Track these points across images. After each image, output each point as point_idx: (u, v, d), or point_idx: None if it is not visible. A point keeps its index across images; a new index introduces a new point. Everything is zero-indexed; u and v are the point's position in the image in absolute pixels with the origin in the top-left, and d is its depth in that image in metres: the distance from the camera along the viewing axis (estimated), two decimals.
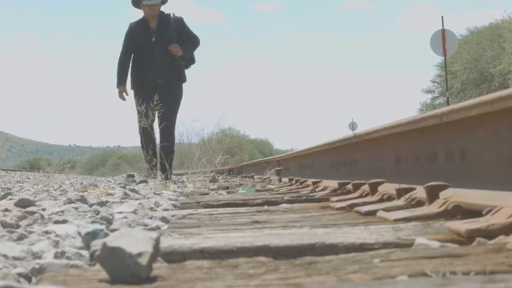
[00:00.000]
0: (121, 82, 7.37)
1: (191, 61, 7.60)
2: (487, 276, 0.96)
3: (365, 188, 2.81)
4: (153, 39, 7.25)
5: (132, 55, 7.37)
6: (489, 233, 1.36)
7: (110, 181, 8.11)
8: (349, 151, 3.87)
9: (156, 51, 7.19)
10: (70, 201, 2.67)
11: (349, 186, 3.16)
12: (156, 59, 7.17)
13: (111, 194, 3.60)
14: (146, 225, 1.98)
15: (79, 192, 3.71)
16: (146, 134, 6.90)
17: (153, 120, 7.01)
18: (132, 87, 7.40)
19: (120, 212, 2.26)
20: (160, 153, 6.96)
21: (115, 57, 7.45)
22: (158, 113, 6.90)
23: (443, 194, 1.96)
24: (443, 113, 2.11)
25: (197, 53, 7.56)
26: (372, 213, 2.12)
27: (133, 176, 7.14)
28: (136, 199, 3.17)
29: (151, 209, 2.62)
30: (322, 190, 3.76)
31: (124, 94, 7.35)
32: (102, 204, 2.71)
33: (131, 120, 7.99)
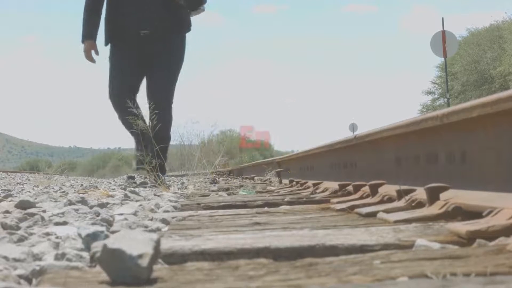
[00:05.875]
0: (88, 35, 5.10)
1: (198, 0, 5.10)
2: (487, 277, 0.95)
3: (366, 189, 2.81)
4: None
5: None
6: (490, 235, 1.36)
7: (110, 183, 8.11)
8: (350, 152, 3.87)
9: None
10: (70, 203, 2.67)
11: (350, 188, 3.16)
12: None
13: (111, 196, 3.60)
14: (146, 226, 1.98)
15: (79, 193, 3.71)
16: (130, 123, 4.79)
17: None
18: (107, 42, 5.13)
19: (121, 214, 2.25)
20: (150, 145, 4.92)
21: None
22: (148, 84, 4.91)
23: (443, 196, 1.95)
24: (443, 114, 2.11)
25: (196, 55, 5.67)
26: (373, 214, 2.12)
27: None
28: (137, 201, 3.17)
29: (152, 210, 2.62)
30: (323, 191, 3.76)
31: (93, 52, 5.08)
32: (102, 205, 2.71)
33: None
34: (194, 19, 5.27)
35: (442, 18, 14.06)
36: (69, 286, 1.00)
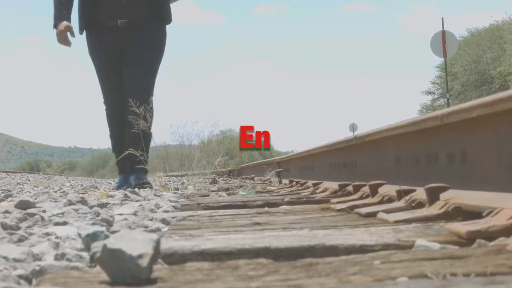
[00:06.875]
0: (62, 16, 4.65)
1: None
2: (487, 277, 0.96)
3: (366, 189, 2.81)
4: None
5: None
6: (490, 235, 1.36)
7: (110, 183, 8.11)
8: (350, 152, 3.87)
9: None
10: (70, 203, 2.67)
11: (350, 188, 3.16)
12: None
13: (111, 196, 3.60)
14: (146, 226, 1.98)
15: (79, 194, 3.71)
16: (113, 113, 4.73)
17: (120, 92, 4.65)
18: (81, 29, 4.77)
19: (121, 214, 2.25)
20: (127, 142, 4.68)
21: None
22: (128, 78, 4.61)
23: (443, 196, 1.95)
24: (443, 114, 2.11)
25: (196, 56, 5.36)
26: (373, 214, 2.12)
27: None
28: (137, 201, 3.17)
29: (152, 210, 2.62)
30: (323, 191, 3.76)
31: (68, 33, 4.64)
32: (102, 206, 2.71)
33: None
34: (191, 19, 5.02)
35: (442, 18, 14.08)
36: (69, 286, 1.00)
